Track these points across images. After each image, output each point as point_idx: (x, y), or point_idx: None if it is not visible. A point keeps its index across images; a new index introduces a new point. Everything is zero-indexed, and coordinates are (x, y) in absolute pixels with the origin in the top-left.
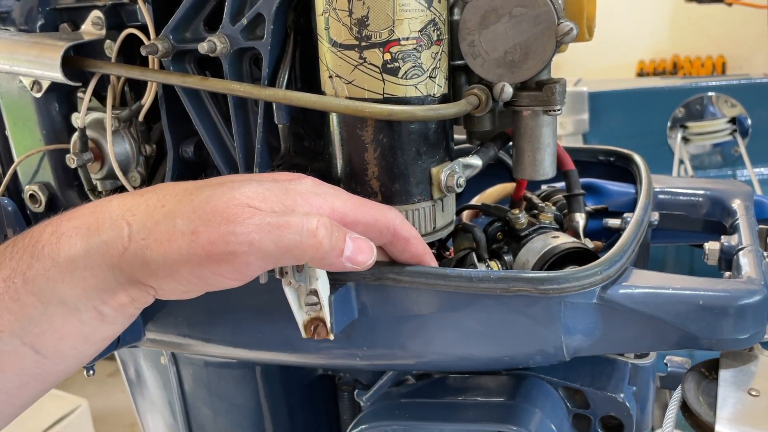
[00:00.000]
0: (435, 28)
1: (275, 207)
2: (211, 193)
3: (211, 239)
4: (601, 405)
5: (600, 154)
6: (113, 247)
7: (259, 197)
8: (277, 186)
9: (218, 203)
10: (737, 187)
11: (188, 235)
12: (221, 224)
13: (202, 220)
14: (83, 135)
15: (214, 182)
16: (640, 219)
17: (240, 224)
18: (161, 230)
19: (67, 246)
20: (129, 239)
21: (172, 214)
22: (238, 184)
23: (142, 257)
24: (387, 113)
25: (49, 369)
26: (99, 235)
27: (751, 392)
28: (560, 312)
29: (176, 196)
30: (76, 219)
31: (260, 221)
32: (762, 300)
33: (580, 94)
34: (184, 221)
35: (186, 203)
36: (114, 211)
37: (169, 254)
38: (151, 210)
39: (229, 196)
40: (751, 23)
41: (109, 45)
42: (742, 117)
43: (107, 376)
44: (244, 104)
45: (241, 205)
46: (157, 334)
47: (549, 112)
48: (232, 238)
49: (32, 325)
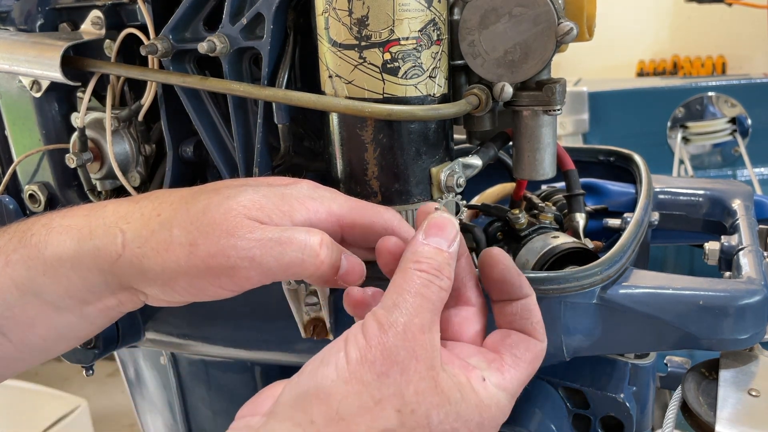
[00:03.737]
0: (435, 27)
1: (273, 215)
2: (207, 202)
3: (210, 252)
4: (601, 405)
5: (600, 154)
6: (106, 253)
7: (255, 206)
8: (273, 192)
9: (215, 214)
10: (737, 187)
11: (186, 246)
12: (221, 237)
13: (200, 232)
14: (83, 135)
15: (209, 189)
16: (640, 219)
17: (240, 238)
18: (158, 239)
19: (56, 242)
20: (123, 246)
21: (168, 223)
22: (233, 192)
23: (139, 265)
24: (387, 113)
25: (11, 354)
26: (91, 240)
27: (751, 392)
28: (560, 312)
29: (172, 204)
30: (69, 218)
31: (261, 236)
32: (762, 300)
33: (580, 94)
34: (182, 232)
35: (182, 212)
36: (108, 217)
37: (167, 264)
38: (146, 218)
39: (226, 207)
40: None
41: (109, 45)
42: (742, 117)
43: (107, 376)
44: (244, 104)
45: (239, 216)
46: (157, 334)
47: (549, 112)
48: (233, 252)
49: (4, 307)
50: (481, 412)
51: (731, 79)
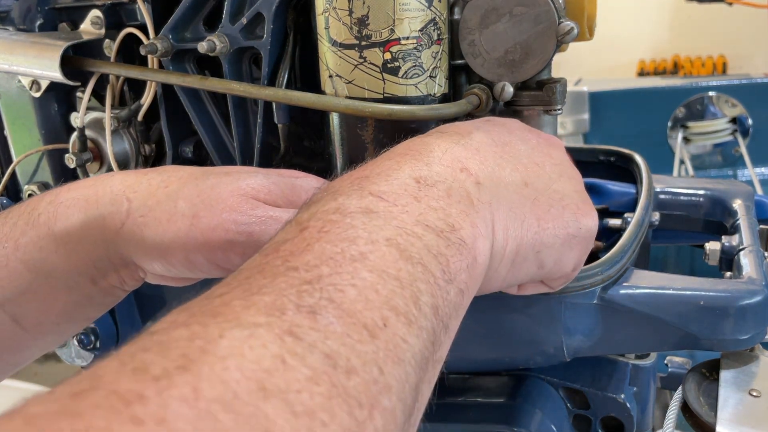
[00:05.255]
0: (435, 27)
1: (279, 201)
2: (216, 180)
3: (210, 225)
4: (601, 405)
5: (600, 154)
6: (111, 221)
7: (264, 190)
8: (284, 181)
9: (223, 191)
10: (738, 187)
11: (189, 218)
12: (223, 211)
13: (204, 205)
14: (82, 135)
15: (219, 170)
16: (641, 219)
17: (242, 214)
18: (162, 209)
19: (65, 217)
20: (127, 215)
21: (174, 195)
22: (244, 175)
23: (139, 234)
24: (387, 113)
25: (26, 342)
26: (97, 209)
27: (752, 393)
28: (561, 312)
29: (180, 178)
30: (76, 191)
31: (263, 213)
32: (763, 300)
33: (581, 93)
34: (186, 204)
35: (190, 186)
36: (115, 186)
37: (167, 235)
38: (153, 189)
39: (234, 186)
40: (752, 23)
41: (109, 44)
42: (742, 117)
43: None
44: (244, 104)
45: (245, 195)
46: None
47: (549, 111)
48: (232, 226)
49: (17, 293)
50: None
51: (732, 79)
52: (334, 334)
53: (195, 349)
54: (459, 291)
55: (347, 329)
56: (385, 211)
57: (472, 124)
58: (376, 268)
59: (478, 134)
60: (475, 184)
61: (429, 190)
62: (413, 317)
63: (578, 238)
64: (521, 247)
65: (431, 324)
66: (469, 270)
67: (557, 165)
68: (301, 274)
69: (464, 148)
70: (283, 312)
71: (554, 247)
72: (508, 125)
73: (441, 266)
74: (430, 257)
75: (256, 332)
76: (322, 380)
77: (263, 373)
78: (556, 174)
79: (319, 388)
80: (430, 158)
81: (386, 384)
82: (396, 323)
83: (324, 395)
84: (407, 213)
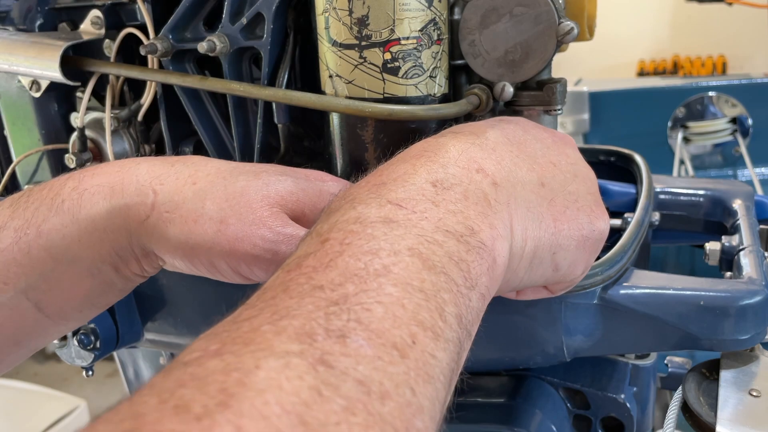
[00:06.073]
0: (435, 27)
1: (307, 211)
2: (246, 184)
3: (238, 235)
4: (601, 406)
5: (600, 154)
6: (136, 212)
7: (293, 198)
8: (312, 187)
9: (252, 198)
10: (738, 188)
11: (216, 222)
12: (252, 224)
13: (233, 211)
14: (82, 135)
15: (248, 170)
16: (641, 219)
17: (271, 230)
18: (189, 208)
19: (89, 204)
20: (152, 207)
21: (202, 193)
22: (273, 180)
23: (164, 230)
24: (387, 113)
25: (48, 329)
26: (123, 197)
27: (752, 393)
28: (561, 312)
29: (208, 175)
30: (100, 176)
31: (292, 233)
32: (763, 300)
33: (581, 93)
34: (214, 206)
35: (219, 187)
36: (142, 175)
37: (191, 235)
38: (180, 184)
39: (264, 194)
40: (752, 23)
41: (108, 44)
42: (742, 117)
43: (106, 377)
44: (244, 104)
45: (275, 206)
46: (156, 335)
47: (550, 111)
48: (260, 242)
49: (40, 281)
50: None
51: (732, 79)
52: (366, 358)
53: (233, 383)
54: (480, 296)
55: (377, 351)
56: (405, 219)
57: (486, 123)
58: (400, 281)
59: (493, 133)
60: (492, 184)
61: (446, 193)
62: (440, 330)
63: (591, 241)
64: (539, 248)
65: (456, 335)
66: (489, 272)
67: (572, 164)
68: (327, 294)
69: (480, 149)
70: (313, 338)
71: (569, 250)
72: (522, 124)
73: (462, 273)
74: (452, 264)
75: (291, 362)
76: (357, 409)
77: (302, 407)
78: (571, 174)
79: (356, 419)
80: (446, 160)
81: (419, 406)
82: (424, 339)
83: (361, 425)
84: (426, 219)
